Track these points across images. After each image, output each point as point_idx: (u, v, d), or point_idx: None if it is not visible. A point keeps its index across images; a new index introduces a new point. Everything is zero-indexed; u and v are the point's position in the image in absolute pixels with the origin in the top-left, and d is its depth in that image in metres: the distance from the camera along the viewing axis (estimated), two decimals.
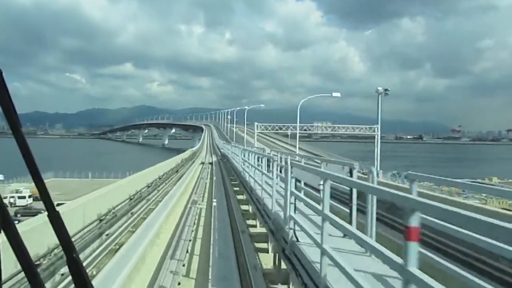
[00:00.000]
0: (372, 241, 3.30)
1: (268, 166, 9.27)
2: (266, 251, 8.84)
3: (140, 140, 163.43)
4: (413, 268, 2.30)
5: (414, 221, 2.33)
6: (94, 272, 5.86)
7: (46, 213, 0.79)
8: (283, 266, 6.22)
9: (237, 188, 17.47)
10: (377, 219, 4.86)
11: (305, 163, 9.26)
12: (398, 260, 2.56)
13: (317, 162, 9.86)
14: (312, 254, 4.45)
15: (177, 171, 27.01)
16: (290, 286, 6.60)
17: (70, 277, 0.94)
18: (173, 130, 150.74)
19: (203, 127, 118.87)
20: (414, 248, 2.34)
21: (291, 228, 5.37)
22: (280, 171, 7.77)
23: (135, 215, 12.28)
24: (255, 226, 11.32)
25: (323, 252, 3.76)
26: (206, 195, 19.21)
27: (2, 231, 0.73)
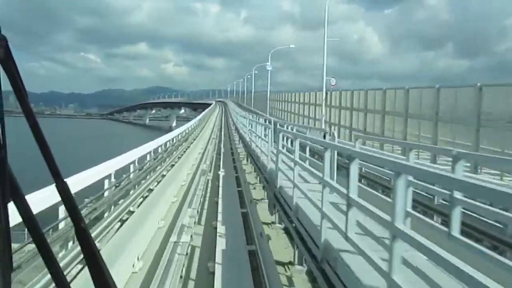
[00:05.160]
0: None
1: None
2: None
3: (147, 121, 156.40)
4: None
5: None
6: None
7: (54, 184, 0.83)
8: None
9: None
10: None
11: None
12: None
13: None
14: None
15: None
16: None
17: (79, 247, 0.91)
18: (182, 111, 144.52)
19: (213, 103, 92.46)
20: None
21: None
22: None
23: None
24: None
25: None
26: None
27: (12, 201, 0.77)
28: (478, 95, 12.21)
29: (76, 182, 6.47)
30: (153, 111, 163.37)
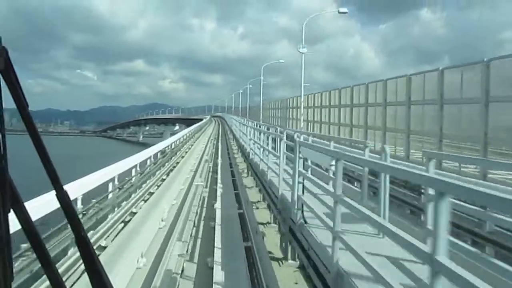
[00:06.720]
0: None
1: None
2: None
3: (140, 138, 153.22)
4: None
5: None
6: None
7: (54, 191, 0.83)
8: None
9: None
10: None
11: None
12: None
13: None
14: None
15: None
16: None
17: (78, 254, 0.89)
18: (177, 127, 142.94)
19: (207, 118, 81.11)
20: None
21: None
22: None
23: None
24: None
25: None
26: None
27: (11, 208, 0.77)
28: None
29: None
30: (147, 128, 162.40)
